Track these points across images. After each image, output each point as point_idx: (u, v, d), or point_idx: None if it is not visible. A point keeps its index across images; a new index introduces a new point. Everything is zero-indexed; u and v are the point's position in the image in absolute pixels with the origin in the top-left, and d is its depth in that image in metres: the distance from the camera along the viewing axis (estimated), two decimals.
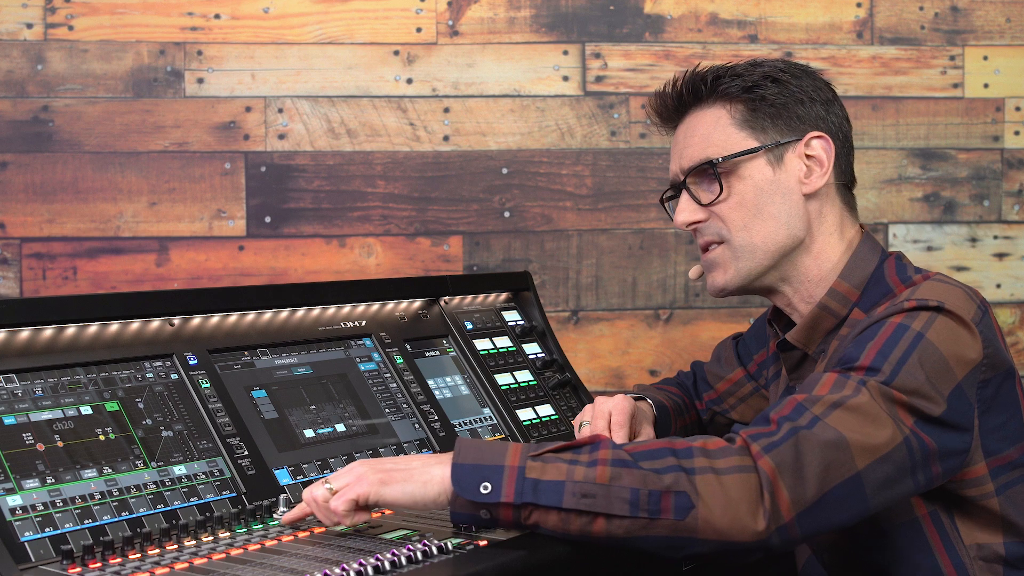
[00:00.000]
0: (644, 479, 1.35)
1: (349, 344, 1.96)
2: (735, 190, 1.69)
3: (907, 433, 1.44)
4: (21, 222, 2.57)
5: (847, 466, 1.40)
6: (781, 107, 1.70)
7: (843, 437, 1.40)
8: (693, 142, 1.73)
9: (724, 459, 1.37)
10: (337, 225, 2.66)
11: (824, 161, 1.70)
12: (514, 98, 2.71)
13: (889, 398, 1.45)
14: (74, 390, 1.58)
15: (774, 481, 1.36)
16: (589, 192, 2.72)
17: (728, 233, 1.71)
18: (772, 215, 1.69)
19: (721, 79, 1.72)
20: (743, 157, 1.69)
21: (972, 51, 2.78)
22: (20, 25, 2.57)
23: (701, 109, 1.74)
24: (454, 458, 1.40)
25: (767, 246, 1.70)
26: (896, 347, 1.49)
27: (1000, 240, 2.80)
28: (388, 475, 1.42)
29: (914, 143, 2.79)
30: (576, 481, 1.35)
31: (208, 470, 1.61)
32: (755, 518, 1.35)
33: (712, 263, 1.75)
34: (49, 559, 1.39)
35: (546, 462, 1.38)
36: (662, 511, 1.34)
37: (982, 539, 1.57)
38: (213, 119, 2.62)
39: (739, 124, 1.70)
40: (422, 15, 2.68)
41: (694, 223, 1.73)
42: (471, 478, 1.38)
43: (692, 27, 2.74)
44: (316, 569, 1.31)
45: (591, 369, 2.70)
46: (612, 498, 1.35)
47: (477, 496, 1.37)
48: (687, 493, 1.34)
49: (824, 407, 1.43)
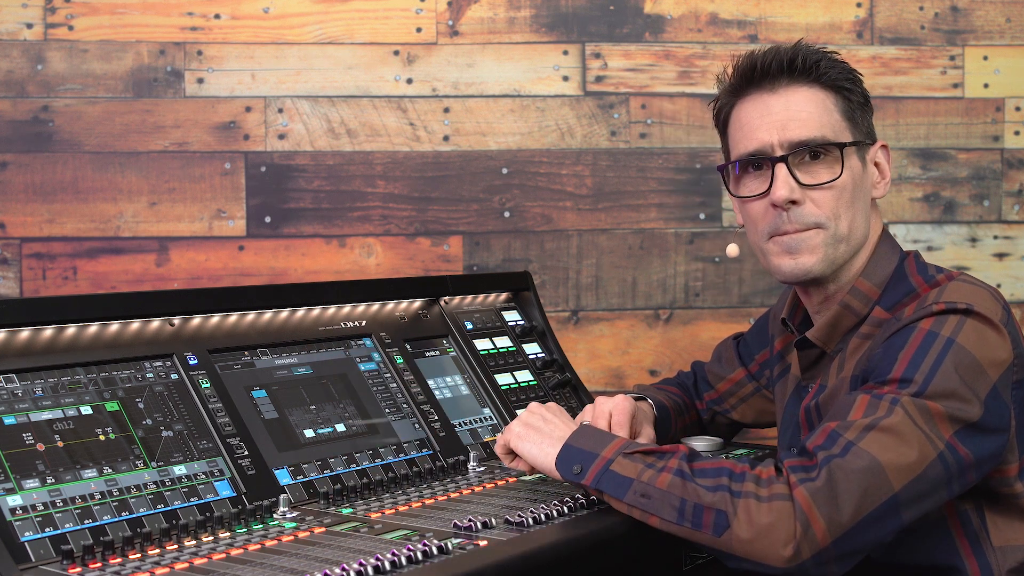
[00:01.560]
0: (693, 492, 1.46)
1: (349, 344, 1.96)
2: (842, 177, 1.65)
3: (941, 448, 1.45)
4: (21, 222, 2.57)
5: (884, 489, 1.42)
6: (864, 106, 1.70)
7: (877, 461, 1.42)
8: (802, 117, 1.65)
9: (768, 488, 1.43)
10: (337, 225, 2.66)
11: (887, 171, 1.72)
12: (514, 98, 2.71)
13: (925, 411, 1.46)
14: (74, 390, 1.58)
15: (807, 512, 1.40)
16: (589, 192, 2.72)
17: (825, 219, 1.65)
18: (860, 210, 1.68)
19: (820, 63, 1.67)
20: (852, 148, 1.66)
21: (972, 51, 2.78)
22: (20, 25, 2.57)
23: (799, 86, 1.67)
24: (568, 437, 1.61)
25: (852, 239, 1.67)
26: (928, 354, 1.49)
27: (1000, 240, 2.80)
28: (525, 431, 1.66)
29: (914, 143, 2.79)
30: (641, 482, 1.50)
31: (208, 470, 1.61)
32: (785, 546, 1.40)
33: (803, 244, 1.66)
34: (49, 559, 1.38)
35: (632, 460, 1.53)
36: (703, 525, 1.45)
37: (1012, 540, 1.57)
38: (213, 119, 2.62)
39: (844, 114, 1.68)
40: (422, 15, 2.68)
41: (792, 201, 1.65)
42: (571, 458, 1.58)
43: (692, 27, 2.74)
44: (316, 569, 1.31)
45: (591, 369, 2.70)
46: (664, 503, 1.48)
47: (570, 475, 1.57)
48: (726, 513, 1.43)
49: (857, 432, 1.45)
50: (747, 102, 1.70)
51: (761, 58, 1.67)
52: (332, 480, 1.71)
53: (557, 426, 1.65)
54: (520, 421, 1.68)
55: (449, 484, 1.76)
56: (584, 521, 1.52)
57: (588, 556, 1.46)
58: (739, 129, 1.71)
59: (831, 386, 1.68)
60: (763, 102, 1.68)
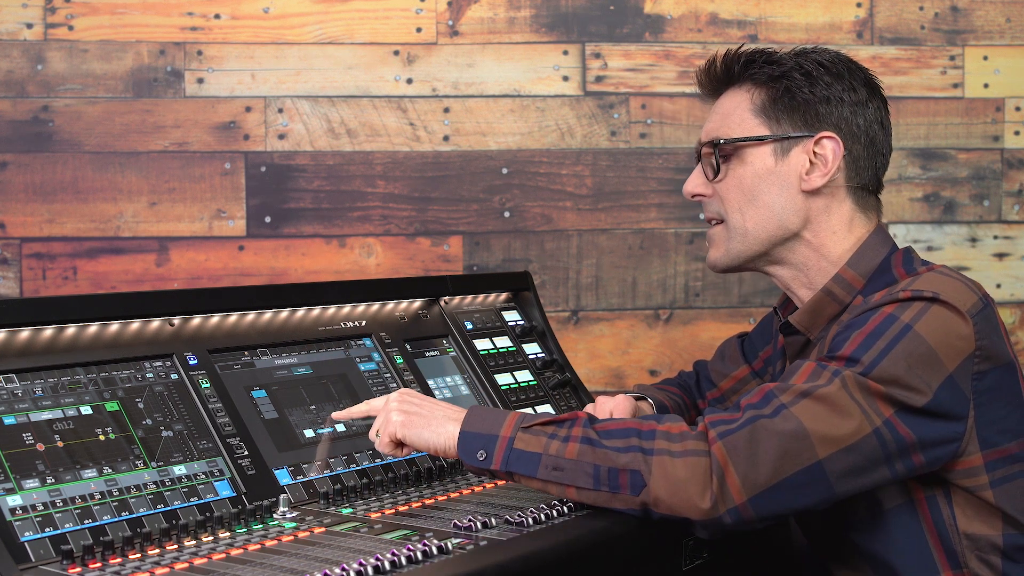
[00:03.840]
0: (605, 457, 1.48)
1: (349, 344, 1.96)
2: (735, 173, 1.72)
3: (878, 424, 1.47)
4: (21, 222, 2.57)
5: (806, 455, 1.45)
6: (802, 102, 1.70)
7: (803, 427, 1.45)
8: (715, 119, 1.76)
9: (681, 443, 1.46)
10: (337, 225, 2.66)
11: (828, 161, 1.70)
12: (514, 98, 2.71)
13: (865, 388, 1.48)
14: (74, 390, 1.58)
15: (724, 466, 1.43)
16: (589, 192, 2.73)
17: (725, 213, 1.74)
18: (766, 204, 1.71)
19: (754, 63, 1.74)
20: (748, 143, 1.71)
21: (972, 51, 2.78)
22: (20, 25, 2.57)
23: (732, 88, 1.77)
24: (462, 424, 1.56)
25: (757, 232, 1.72)
26: (881, 338, 1.51)
27: (1000, 240, 2.80)
28: (409, 418, 1.60)
29: (914, 143, 2.79)
30: (550, 455, 1.50)
31: (208, 470, 1.61)
32: (702, 498, 1.43)
33: (710, 239, 1.79)
34: (49, 559, 1.38)
35: (533, 434, 1.52)
36: (620, 487, 1.47)
37: (979, 529, 1.57)
38: (213, 119, 2.62)
39: (756, 110, 1.72)
40: (422, 15, 2.68)
41: (699, 195, 1.77)
42: (472, 445, 1.55)
43: (692, 27, 2.74)
44: (316, 569, 1.31)
45: (591, 369, 2.70)
46: (578, 472, 1.49)
47: (475, 461, 1.54)
48: (640, 472, 1.46)
49: (792, 396, 1.48)
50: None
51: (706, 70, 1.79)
52: (332, 480, 1.71)
53: (436, 406, 1.62)
54: (395, 411, 1.61)
55: (449, 484, 1.76)
56: (584, 521, 1.52)
57: (588, 556, 1.46)
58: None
59: None
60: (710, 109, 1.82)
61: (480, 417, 1.57)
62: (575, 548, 1.44)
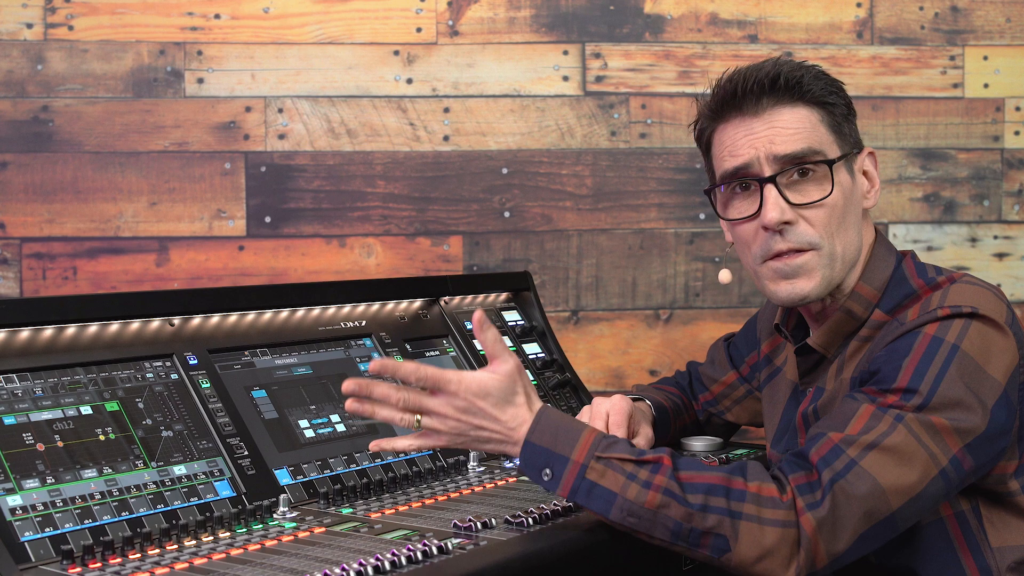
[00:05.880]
0: (689, 517, 1.41)
1: (349, 344, 1.96)
2: (833, 195, 1.59)
3: (944, 465, 1.45)
4: (21, 222, 2.57)
5: (883, 509, 1.43)
6: (848, 116, 1.65)
7: (878, 484, 1.43)
8: (788, 132, 1.59)
9: (772, 511, 1.42)
10: (337, 225, 2.66)
11: (875, 177, 1.68)
12: (514, 98, 2.71)
13: (931, 427, 1.45)
14: (74, 390, 1.58)
15: (813, 538, 1.41)
16: (589, 192, 2.72)
17: (819, 239, 1.59)
18: (852, 224, 1.62)
19: (803, 80, 1.60)
20: (841, 161, 1.61)
21: (972, 51, 2.78)
22: (20, 25, 2.57)
23: (783, 106, 1.60)
24: (528, 434, 1.47)
25: (846, 257, 1.62)
26: (932, 362, 1.47)
27: (1000, 240, 2.80)
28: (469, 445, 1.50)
29: (914, 143, 2.79)
30: (627, 499, 1.42)
31: (208, 470, 1.61)
32: (787, 567, 1.41)
33: (799, 269, 1.60)
34: (49, 559, 1.38)
35: (608, 467, 1.44)
36: (700, 546, 1.42)
37: (1011, 541, 1.56)
38: (213, 119, 2.62)
39: (830, 127, 1.62)
40: (422, 15, 2.68)
41: (785, 223, 1.58)
42: (537, 460, 1.46)
43: (692, 27, 2.74)
44: (316, 569, 1.31)
45: (591, 369, 2.70)
46: (656, 524, 1.42)
47: (539, 480, 1.46)
48: (726, 537, 1.41)
49: (859, 449, 1.44)
50: (730, 124, 1.63)
51: (742, 81, 1.61)
52: (332, 480, 1.71)
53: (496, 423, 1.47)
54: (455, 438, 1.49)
55: (449, 484, 1.76)
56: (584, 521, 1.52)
57: (588, 556, 1.46)
58: (723, 149, 1.65)
59: (829, 390, 1.67)
60: (746, 124, 1.61)
61: (551, 431, 1.47)
62: (575, 548, 1.44)
